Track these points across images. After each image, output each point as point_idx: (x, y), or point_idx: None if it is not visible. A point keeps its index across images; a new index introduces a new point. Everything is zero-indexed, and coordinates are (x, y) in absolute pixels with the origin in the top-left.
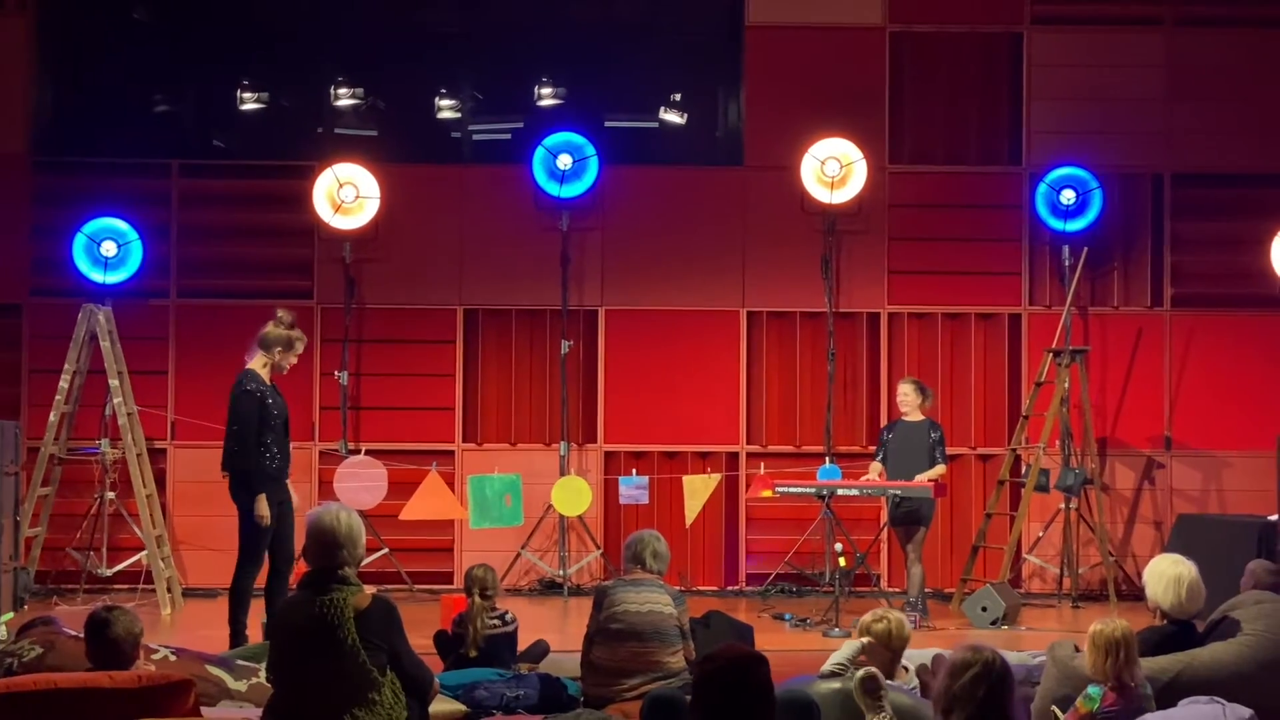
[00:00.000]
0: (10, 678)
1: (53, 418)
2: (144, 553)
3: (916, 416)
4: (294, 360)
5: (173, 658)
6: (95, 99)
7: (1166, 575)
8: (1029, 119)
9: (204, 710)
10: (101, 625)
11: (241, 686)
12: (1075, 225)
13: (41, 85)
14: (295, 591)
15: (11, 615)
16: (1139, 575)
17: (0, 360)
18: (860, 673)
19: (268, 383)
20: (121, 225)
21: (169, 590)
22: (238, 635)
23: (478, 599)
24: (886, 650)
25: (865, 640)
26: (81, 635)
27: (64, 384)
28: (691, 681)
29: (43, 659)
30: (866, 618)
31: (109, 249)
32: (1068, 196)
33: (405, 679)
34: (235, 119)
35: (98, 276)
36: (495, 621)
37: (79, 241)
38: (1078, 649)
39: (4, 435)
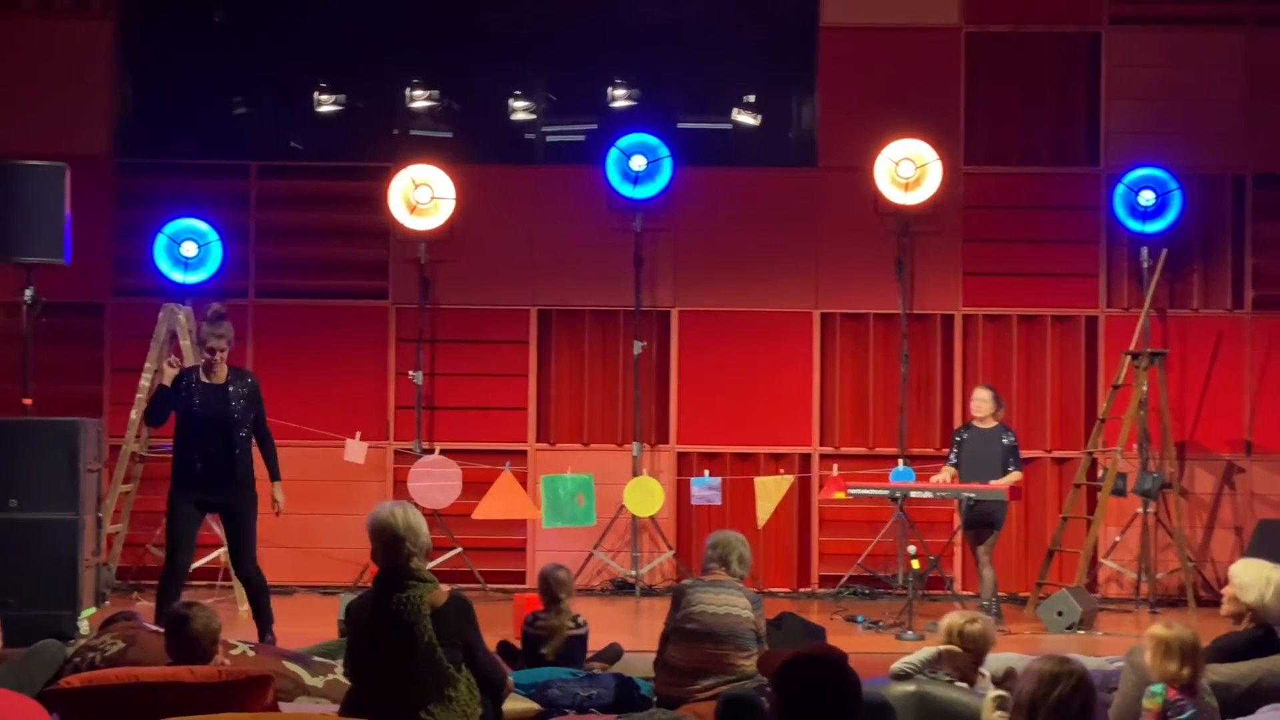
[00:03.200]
0: (93, 671)
1: (134, 415)
2: (221, 549)
3: (990, 423)
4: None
5: (251, 653)
6: (176, 101)
7: (1274, 580)
8: (1106, 119)
9: (281, 705)
10: (181, 621)
11: (318, 682)
12: (1154, 227)
13: (123, 88)
14: (370, 589)
15: (94, 610)
16: (1218, 581)
17: (83, 359)
18: (993, 693)
19: None
20: (201, 226)
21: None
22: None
23: (564, 604)
24: (973, 653)
25: (946, 647)
26: (162, 630)
27: (144, 382)
28: (776, 680)
29: (124, 653)
30: (957, 619)
31: (189, 249)
32: (1146, 198)
33: (480, 676)
34: (312, 121)
35: (178, 276)
36: (570, 624)
37: (160, 242)
38: None
39: (87, 433)
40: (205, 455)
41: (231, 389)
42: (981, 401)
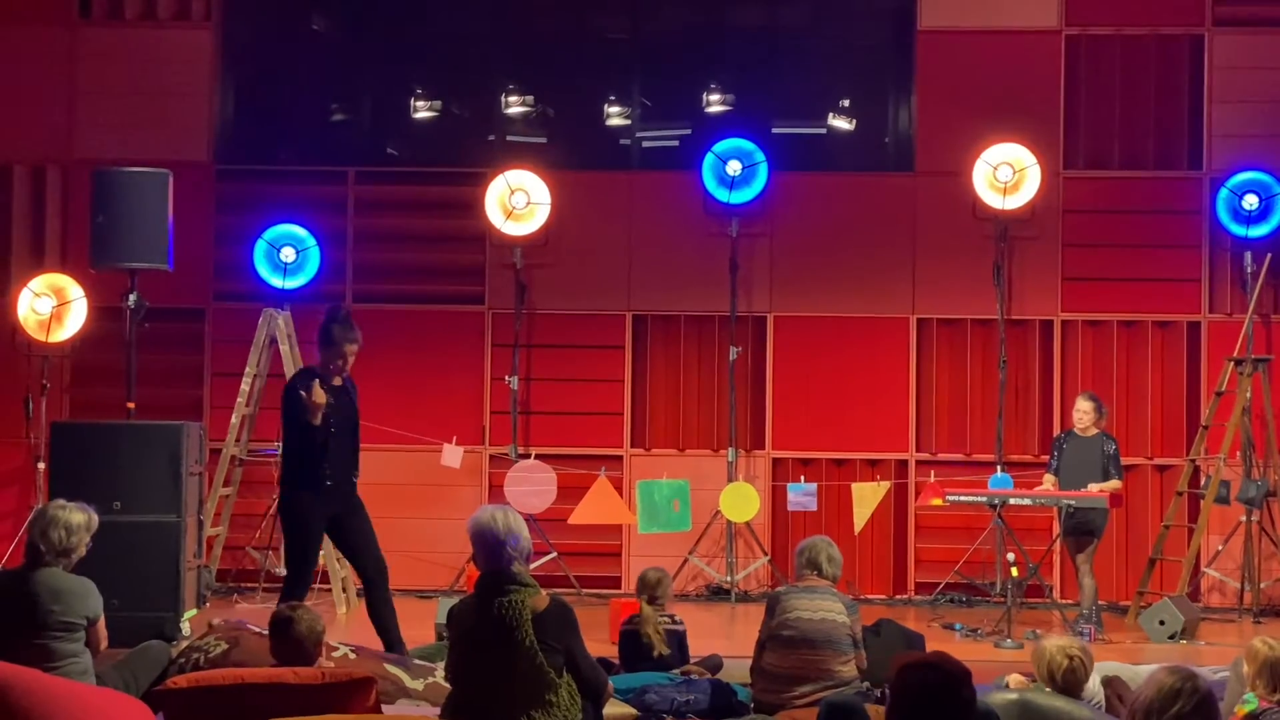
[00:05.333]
0: (198, 672)
1: (234, 419)
2: (320, 553)
3: (1091, 431)
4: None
5: (352, 655)
6: (275, 108)
7: None
8: (1210, 123)
9: (382, 708)
10: (287, 623)
11: (419, 685)
12: (1258, 231)
13: (224, 95)
14: (471, 594)
15: (195, 612)
16: None
17: (185, 363)
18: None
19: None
20: (300, 231)
21: (344, 590)
22: None
23: (646, 606)
24: (1063, 688)
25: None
26: (265, 632)
27: (245, 386)
28: (894, 683)
29: (228, 654)
30: (1058, 658)
31: (288, 255)
32: (1250, 201)
33: (581, 681)
34: (409, 127)
35: (277, 281)
36: (666, 618)
37: (259, 247)
38: None
39: (189, 436)
40: (339, 462)
41: (348, 391)
42: (1083, 413)
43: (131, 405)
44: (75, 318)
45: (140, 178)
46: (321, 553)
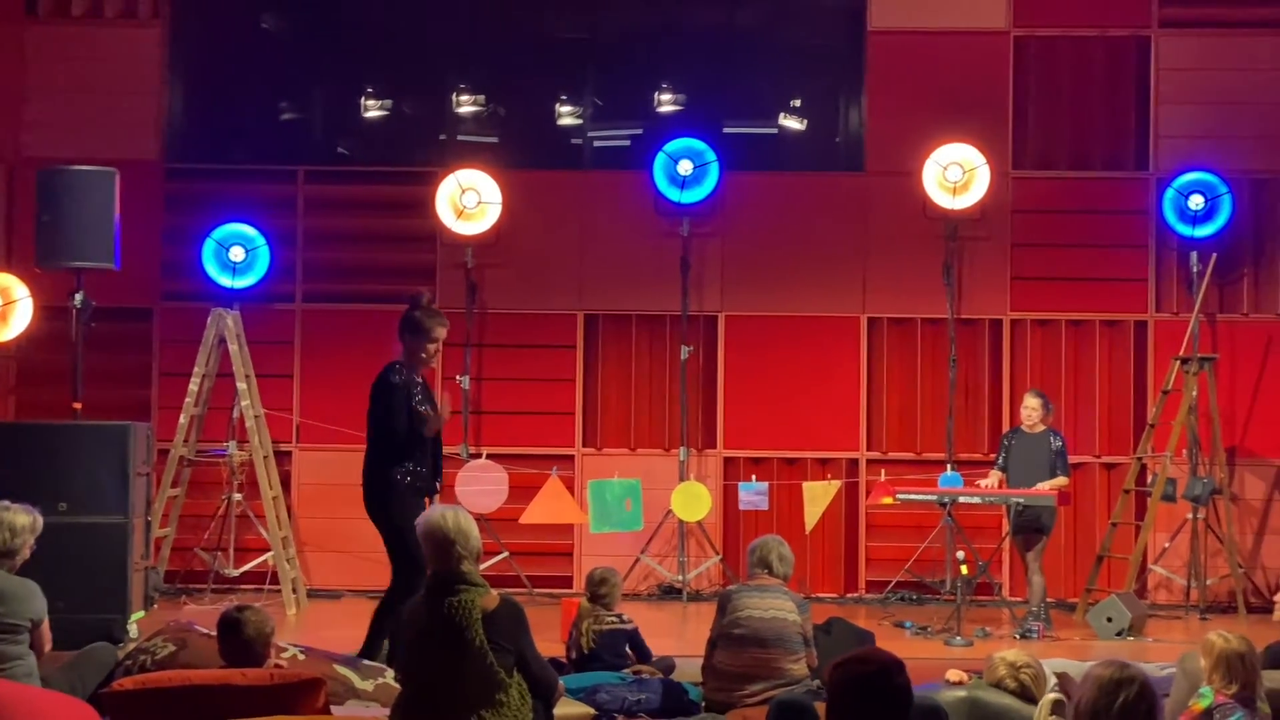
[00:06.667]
0: (145, 674)
1: (182, 420)
2: (270, 554)
3: (1039, 427)
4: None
5: (302, 656)
6: (224, 107)
7: None
8: (1156, 123)
9: (331, 709)
10: (235, 624)
11: (368, 686)
12: (1204, 231)
13: (172, 93)
14: (422, 595)
15: (143, 614)
16: (1269, 588)
17: (132, 363)
18: (1051, 696)
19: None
20: (249, 231)
21: (294, 591)
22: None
23: (585, 602)
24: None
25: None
26: (213, 633)
27: (193, 387)
28: (829, 684)
29: (175, 656)
30: (1008, 681)
31: (237, 254)
32: (1196, 202)
33: (531, 681)
34: (359, 126)
35: (226, 281)
36: (613, 619)
37: (208, 247)
38: None
39: (136, 437)
40: (432, 457)
41: (430, 393)
42: (1031, 410)
43: (78, 406)
44: (20, 317)
45: (86, 176)
46: (270, 554)
